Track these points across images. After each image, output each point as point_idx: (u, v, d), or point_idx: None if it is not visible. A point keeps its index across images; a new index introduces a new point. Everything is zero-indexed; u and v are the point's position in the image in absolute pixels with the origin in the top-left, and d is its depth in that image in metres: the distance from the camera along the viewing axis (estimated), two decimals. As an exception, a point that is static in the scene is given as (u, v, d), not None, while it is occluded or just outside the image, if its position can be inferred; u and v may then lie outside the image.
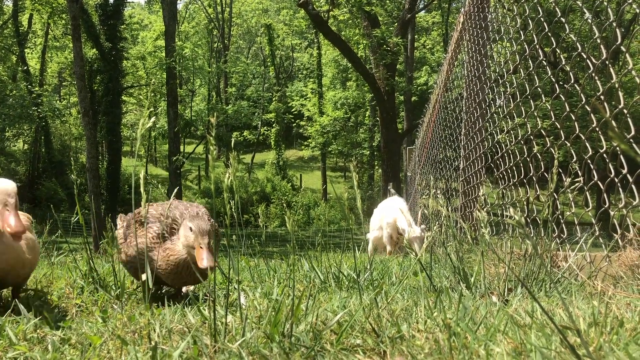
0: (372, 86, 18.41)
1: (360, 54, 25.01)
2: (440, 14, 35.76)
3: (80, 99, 13.17)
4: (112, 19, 25.65)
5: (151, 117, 1.58)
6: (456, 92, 5.60)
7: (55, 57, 34.91)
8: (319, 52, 36.99)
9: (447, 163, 6.00)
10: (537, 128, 2.97)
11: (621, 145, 0.64)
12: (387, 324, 1.31)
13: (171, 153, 24.25)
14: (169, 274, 2.00)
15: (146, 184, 1.61)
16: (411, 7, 19.85)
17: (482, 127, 4.11)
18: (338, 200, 28.93)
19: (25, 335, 1.44)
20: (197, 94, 42.71)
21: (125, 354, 1.24)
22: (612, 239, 2.21)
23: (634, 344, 1.05)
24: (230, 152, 1.44)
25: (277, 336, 1.22)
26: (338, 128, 34.16)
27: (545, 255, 2.18)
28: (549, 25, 2.94)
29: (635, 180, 2.08)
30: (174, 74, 25.18)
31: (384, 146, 18.82)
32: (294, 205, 31.07)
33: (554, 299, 1.76)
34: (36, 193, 29.52)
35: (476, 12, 4.43)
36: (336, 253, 3.86)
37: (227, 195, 1.43)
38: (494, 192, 3.71)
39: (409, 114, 26.16)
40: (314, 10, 16.83)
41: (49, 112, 28.19)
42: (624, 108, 2.16)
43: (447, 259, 2.30)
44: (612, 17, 2.32)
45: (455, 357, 1.08)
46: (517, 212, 1.56)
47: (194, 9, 43.48)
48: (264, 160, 39.25)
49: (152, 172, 39.77)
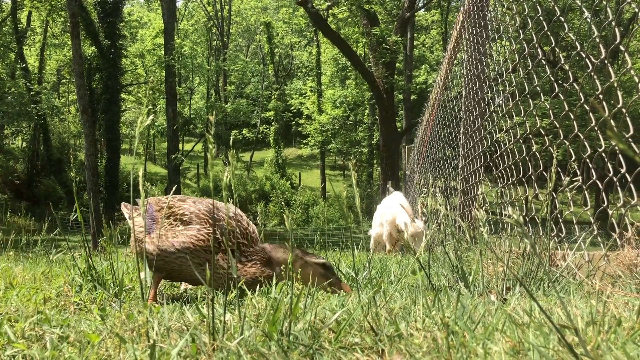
0: (371, 85, 18.42)
1: (360, 53, 25.02)
2: (440, 12, 35.77)
3: (79, 97, 13.15)
4: (111, 16, 25.65)
5: (150, 115, 1.58)
6: (455, 90, 5.60)
7: (54, 54, 34.89)
8: (318, 51, 36.98)
9: (446, 162, 6.00)
10: (536, 127, 2.97)
11: (620, 144, 0.64)
12: (385, 323, 1.31)
13: (170, 151, 24.24)
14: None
15: (145, 182, 1.61)
16: (410, 6, 19.85)
17: (481, 126, 4.11)
18: (337, 198, 28.94)
19: (23, 333, 1.44)
20: (196, 92, 42.72)
21: (124, 352, 1.24)
22: (611, 238, 2.21)
23: (631, 343, 1.06)
24: (229, 150, 1.44)
25: (276, 334, 1.22)
26: (337, 126, 34.18)
27: (543, 254, 2.18)
28: (548, 24, 2.94)
29: (633, 179, 2.08)
30: (172, 72, 25.17)
31: (383, 145, 18.84)
32: (293, 203, 31.09)
33: (552, 298, 1.76)
34: (35, 191, 29.51)
35: (475, 10, 4.43)
36: (335, 251, 3.86)
37: (226, 194, 1.43)
38: (493, 191, 3.71)
39: (408, 112, 26.19)
40: (313, 9, 16.83)
41: (48, 109, 28.19)
42: (623, 107, 2.17)
43: (446, 257, 2.30)
44: (611, 16, 2.32)
45: (454, 355, 1.08)
46: (516, 211, 1.56)
47: (193, 6, 43.46)
48: (263, 159, 39.25)
49: (151, 170, 39.76)
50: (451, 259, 2.18)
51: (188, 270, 2.02)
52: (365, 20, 19.12)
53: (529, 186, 3.01)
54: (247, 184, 33.26)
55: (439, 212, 3.22)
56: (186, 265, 2.01)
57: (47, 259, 3.37)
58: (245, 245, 2.06)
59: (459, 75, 5.36)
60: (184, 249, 1.99)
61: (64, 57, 33.97)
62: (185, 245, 2.00)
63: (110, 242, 2.36)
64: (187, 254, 2.00)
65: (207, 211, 2.07)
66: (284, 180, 34.36)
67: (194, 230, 2.02)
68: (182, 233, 2.03)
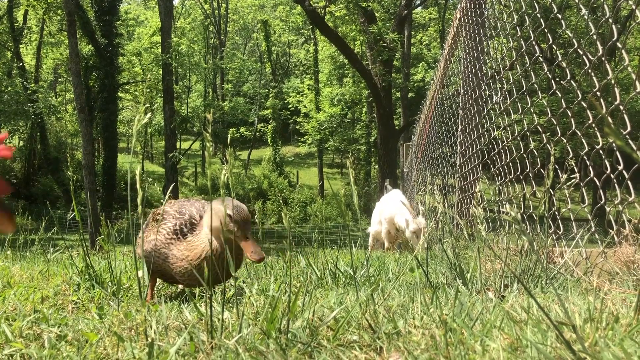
0: (369, 82, 18.41)
1: (357, 50, 24.99)
2: (437, 10, 35.78)
3: (75, 96, 13.12)
4: (107, 15, 25.56)
5: (147, 114, 1.57)
6: (453, 88, 5.60)
7: (50, 53, 34.79)
8: (316, 49, 36.93)
9: (443, 159, 6.00)
10: (534, 124, 2.98)
11: (617, 141, 0.64)
12: (383, 320, 1.32)
13: (167, 150, 24.19)
14: (187, 272, 1.92)
15: (142, 181, 1.61)
16: (408, 3, 19.85)
17: (479, 124, 4.11)
18: (335, 196, 28.95)
19: (21, 332, 1.43)
20: (193, 91, 42.64)
21: (122, 351, 1.24)
22: (608, 235, 2.22)
23: (629, 340, 1.06)
24: (227, 149, 1.43)
25: (274, 332, 1.22)
26: (335, 124, 34.14)
27: (541, 251, 2.18)
28: (545, 21, 2.95)
29: (631, 176, 2.09)
30: (170, 70, 25.11)
31: (380, 142, 18.84)
32: (291, 201, 31.07)
33: (550, 295, 1.77)
34: (32, 190, 29.45)
35: (473, 8, 4.43)
36: (333, 249, 3.86)
37: (223, 192, 1.42)
38: (491, 189, 3.71)
39: (406, 110, 26.19)
40: (311, 7, 16.81)
41: (45, 108, 28.12)
42: (620, 104, 2.17)
43: (444, 255, 2.30)
44: (609, 14, 2.32)
45: (452, 352, 1.08)
46: (514, 209, 1.57)
47: (190, 5, 43.38)
48: (260, 157, 39.21)
49: (149, 168, 39.71)
50: (449, 257, 2.18)
51: (168, 269, 2.01)
52: (363, 18, 19.10)
53: (526, 183, 3.02)
54: (245, 182, 33.23)
55: (437, 209, 3.22)
56: (164, 263, 2.01)
57: (45, 258, 3.36)
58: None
59: (456, 72, 5.36)
60: (152, 248, 2.00)
61: (60, 55, 33.86)
62: (152, 244, 2.01)
63: (108, 240, 2.36)
64: (155, 251, 2.00)
65: (178, 207, 2.07)
66: (282, 178, 34.33)
67: (161, 227, 2.02)
68: (153, 231, 2.04)
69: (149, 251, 2.03)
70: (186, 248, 1.93)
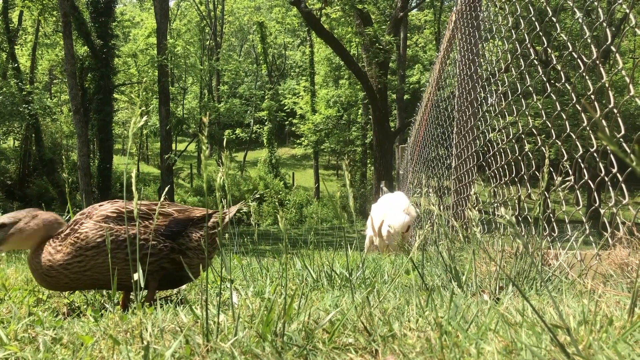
0: (365, 84, 18.44)
1: (353, 52, 25.03)
2: (433, 12, 35.82)
3: (71, 97, 13.08)
4: (103, 16, 25.50)
5: (143, 115, 1.57)
6: (448, 90, 5.61)
7: (45, 54, 34.70)
8: (312, 50, 36.94)
9: (439, 161, 6.02)
10: (529, 127, 2.99)
11: (610, 146, 0.64)
12: (379, 323, 1.32)
13: (163, 151, 24.15)
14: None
15: (137, 182, 1.60)
16: (403, 5, 19.90)
17: (474, 126, 4.12)
18: (330, 198, 28.95)
19: (16, 335, 1.43)
20: (189, 92, 42.59)
21: (118, 354, 1.23)
22: (603, 237, 2.23)
23: (623, 342, 1.06)
24: (223, 150, 1.43)
25: (270, 335, 1.22)
26: (330, 126, 34.17)
27: (536, 253, 2.19)
28: (540, 24, 2.96)
29: (625, 178, 2.10)
30: (165, 72, 25.06)
31: (376, 144, 18.86)
32: (287, 203, 31.05)
33: (544, 297, 1.77)
34: (27, 191, 29.35)
35: (468, 10, 4.45)
36: (328, 251, 3.86)
37: (219, 194, 1.42)
38: (486, 191, 3.72)
39: (402, 112, 26.24)
40: (307, 8, 16.82)
41: (40, 109, 28.04)
42: (614, 107, 2.18)
43: (439, 257, 2.30)
44: (603, 17, 2.34)
45: (447, 355, 1.08)
46: (509, 211, 1.57)
47: (186, 6, 43.35)
48: (256, 159, 39.19)
49: (144, 170, 39.61)
50: (444, 259, 2.18)
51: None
52: (359, 20, 19.13)
53: (521, 185, 3.03)
54: (240, 184, 33.20)
55: (432, 211, 3.23)
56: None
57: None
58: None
59: (451, 75, 5.37)
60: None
61: (56, 57, 33.76)
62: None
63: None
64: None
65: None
66: (278, 180, 34.31)
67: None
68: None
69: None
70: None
